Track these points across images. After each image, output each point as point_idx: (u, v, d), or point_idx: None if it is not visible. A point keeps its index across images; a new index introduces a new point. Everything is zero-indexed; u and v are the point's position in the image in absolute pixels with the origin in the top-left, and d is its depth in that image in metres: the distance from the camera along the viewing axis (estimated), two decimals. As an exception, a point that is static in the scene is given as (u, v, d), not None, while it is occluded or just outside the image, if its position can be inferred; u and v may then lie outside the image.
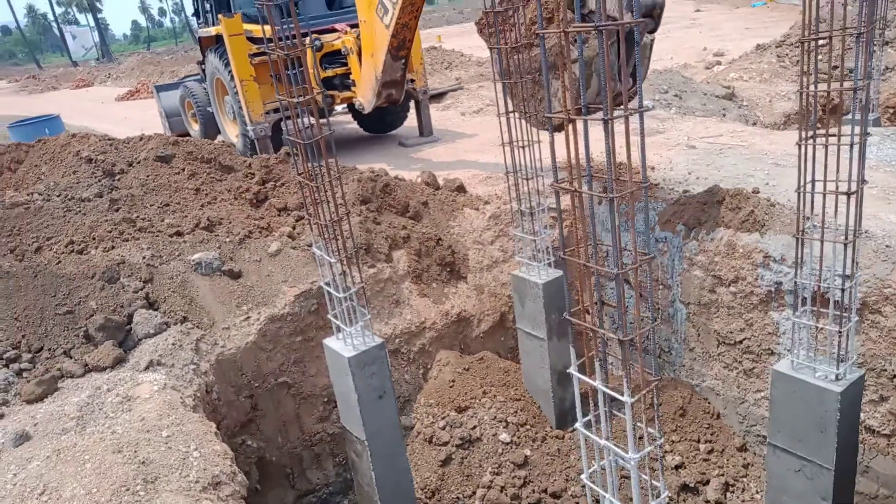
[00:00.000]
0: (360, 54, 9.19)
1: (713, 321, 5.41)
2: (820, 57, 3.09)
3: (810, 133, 3.01)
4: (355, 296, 4.04)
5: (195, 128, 12.61)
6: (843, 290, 3.13)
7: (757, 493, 5.23)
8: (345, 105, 10.97)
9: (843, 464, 3.51)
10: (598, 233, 2.09)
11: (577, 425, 2.42)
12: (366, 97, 9.06)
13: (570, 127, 1.93)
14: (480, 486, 5.09)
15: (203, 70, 11.56)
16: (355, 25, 9.45)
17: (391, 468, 4.41)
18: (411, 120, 11.26)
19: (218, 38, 10.07)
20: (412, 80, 9.98)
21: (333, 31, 9.78)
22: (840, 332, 3.19)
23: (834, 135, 2.93)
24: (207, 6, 10.93)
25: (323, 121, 3.68)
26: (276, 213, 6.32)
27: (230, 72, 9.61)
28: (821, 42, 2.85)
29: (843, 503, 3.71)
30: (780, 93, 11.36)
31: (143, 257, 5.28)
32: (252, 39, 9.44)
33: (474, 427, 5.35)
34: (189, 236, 5.69)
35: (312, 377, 5.47)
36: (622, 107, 1.77)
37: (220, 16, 9.56)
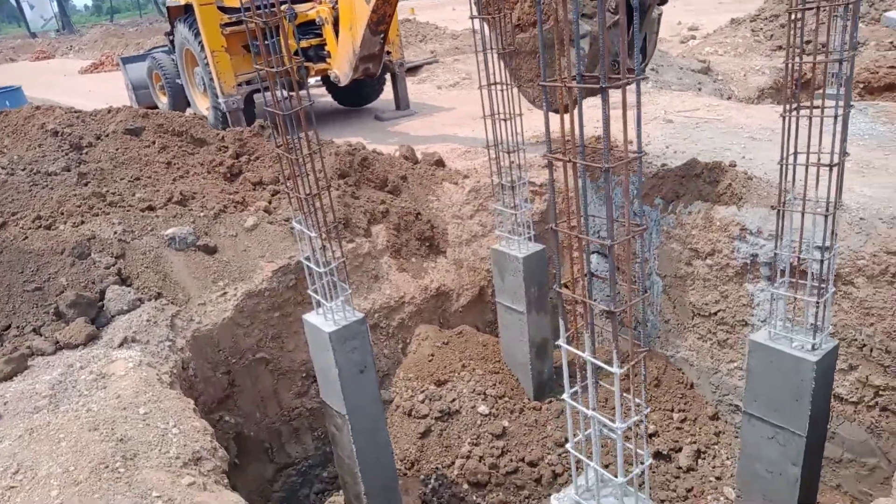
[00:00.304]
0: (335, 25, 9.00)
1: (689, 293, 5.49)
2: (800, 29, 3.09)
3: (794, 105, 3.03)
4: (336, 270, 3.99)
5: (164, 100, 12.28)
6: (821, 262, 3.19)
7: (727, 459, 5.37)
8: (318, 77, 10.76)
9: (814, 431, 3.61)
10: (582, 205, 2.07)
11: (565, 396, 2.44)
12: (342, 70, 8.90)
13: (564, 97, 1.90)
14: (459, 457, 5.14)
15: (171, 41, 11.21)
16: (329, -4, 9.24)
17: (372, 442, 4.42)
18: (387, 93, 11.10)
19: (187, 8, 9.75)
20: (388, 53, 9.83)
21: (308, 0, 9.55)
22: (818, 302, 3.25)
23: (818, 107, 2.95)
24: (175, -26, 10.57)
25: (302, 92, 3.59)
26: (252, 188, 6.19)
27: (200, 42, 9.34)
28: (807, 12, 2.85)
29: (812, 468, 3.83)
30: (755, 67, 11.45)
31: (115, 232, 5.14)
32: (223, 9, 9.17)
33: (453, 400, 5.38)
34: (161, 211, 5.55)
35: (291, 352, 5.43)
36: (619, 75, 1.74)
37: (189, -16, 9.26)
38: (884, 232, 4.26)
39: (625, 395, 2.32)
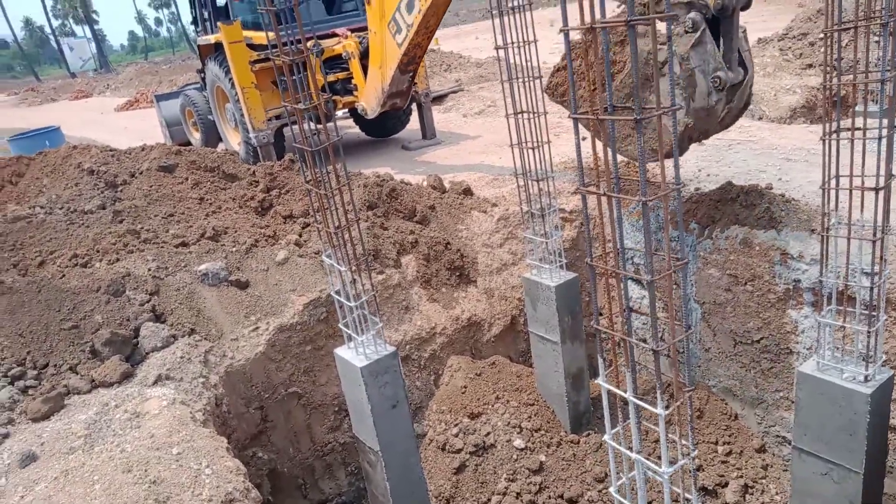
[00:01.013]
0: (361, 59, 9.12)
1: (729, 320, 5.31)
2: (834, 49, 3.00)
3: (834, 127, 2.93)
4: (366, 304, 3.95)
5: (196, 136, 12.56)
6: (870, 288, 3.04)
7: (777, 494, 5.13)
8: (346, 109, 10.90)
9: (871, 466, 3.42)
10: (617, 237, 2.00)
11: (606, 437, 2.34)
12: (370, 104, 9.00)
13: (597, 127, 1.85)
14: (496, 493, 5.00)
15: (203, 78, 11.51)
16: (355, 29, 9.38)
17: (405, 478, 4.33)
18: (413, 123, 11.19)
19: (217, 46, 10.01)
20: (414, 84, 9.93)
21: (334, 35, 9.71)
22: (869, 331, 3.10)
23: (860, 128, 2.84)
24: (206, 14, 10.87)
25: (330, 125, 3.60)
26: (282, 221, 6.24)
27: (231, 79, 9.55)
28: (844, 31, 2.77)
29: (871, 505, 3.62)
30: (785, 86, 11.25)
31: (149, 269, 5.20)
32: (252, 46, 9.37)
33: (488, 433, 5.26)
34: (194, 247, 5.61)
35: (323, 386, 5.38)
36: (651, 106, 1.68)
37: (218, 23, 9.50)
38: (935, 254, 4.08)
39: (670, 434, 2.22)
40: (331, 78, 9.62)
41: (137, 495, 3.21)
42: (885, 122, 2.81)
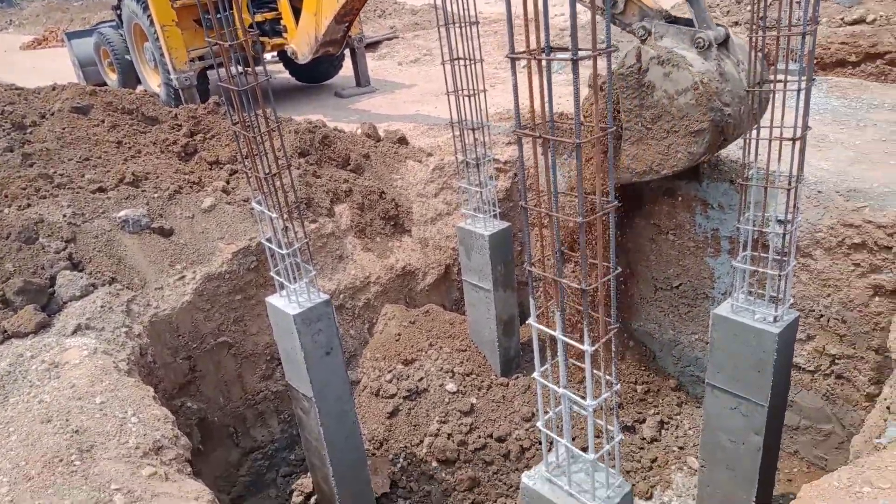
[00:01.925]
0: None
1: (651, 268, 5.54)
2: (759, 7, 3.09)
3: (757, 80, 3.04)
4: (298, 252, 3.89)
5: (113, 77, 11.80)
6: (783, 235, 3.23)
7: (690, 429, 5.50)
8: (275, 53, 10.47)
9: (776, 401, 3.69)
10: (551, 180, 2.03)
11: (535, 374, 2.42)
12: (301, 49, 8.66)
13: (533, 68, 1.84)
14: (428, 435, 5.13)
15: (119, 16, 10.74)
16: (285, -34, 8.94)
17: (339, 423, 4.36)
18: (347, 69, 10.88)
19: (134, -21, 9.34)
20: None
21: (261, -28, 9.24)
22: (780, 275, 3.30)
23: (781, 81, 2.96)
24: (121, -56, 10.09)
25: (258, 68, 3.45)
26: (208, 167, 6.00)
27: (150, 17, 8.96)
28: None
29: (773, 437, 3.93)
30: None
31: (64, 215, 4.92)
32: (172, -19, 8.80)
33: (421, 378, 5.35)
34: (113, 192, 5.33)
35: (254, 336, 5.31)
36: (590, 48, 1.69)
37: (136, -46, 8.85)
38: (840, 205, 4.35)
39: (597, 372, 2.32)
40: (258, 18, 9.18)
41: (58, 444, 3.10)
42: (804, 77, 2.94)
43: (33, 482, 2.89)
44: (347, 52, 10.37)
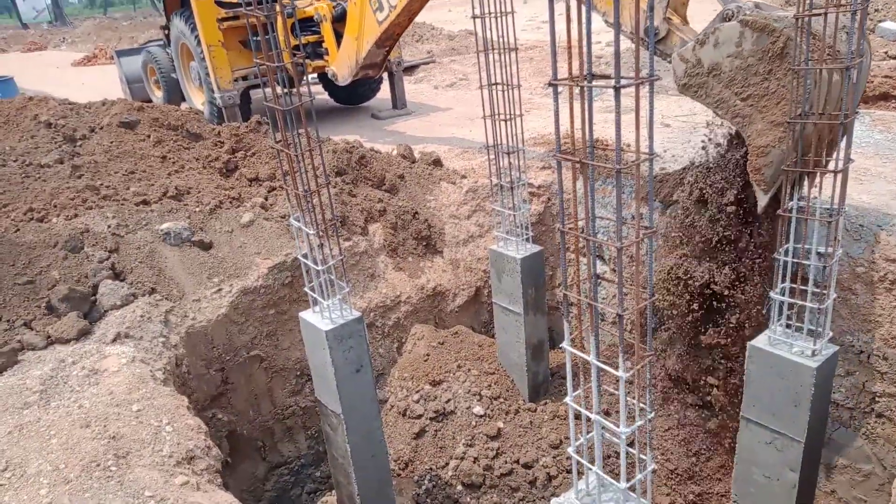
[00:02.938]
0: (334, 22, 8.95)
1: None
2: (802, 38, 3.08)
3: (798, 111, 3.02)
4: (333, 269, 3.95)
5: (158, 94, 12.18)
6: (823, 267, 3.18)
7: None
8: (315, 75, 10.70)
9: (813, 437, 3.60)
10: (589, 204, 2.04)
11: (567, 399, 2.41)
12: (341, 72, 8.85)
13: (574, 95, 1.88)
14: (454, 458, 5.11)
15: (167, 35, 11.13)
16: (328, -9, 9.18)
17: (367, 441, 4.37)
18: (384, 92, 11.06)
19: (184, 2, 9.68)
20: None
21: (305, -4, 9.51)
22: (819, 308, 3.24)
23: (823, 114, 2.94)
24: (172, -32, 10.49)
25: (303, 89, 3.55)
26: (248, 183, 6.14)
27: (197, 36, 9.26)
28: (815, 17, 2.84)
29: (809, 474, 3.82)
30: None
31: (109, 226, 5.08)
32: (220, 3, 9.10)
33: (448, 400, 5.35)
34: (156, 205, 5.49)
35: (285, 350, 5.38)
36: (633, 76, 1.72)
37: (186, -22, 9.19)
38: (883, 239, 4.26)
39: (629, 399, 2.30)
40: (301, 41, 9.41)
41: (96, 450, 3.18)
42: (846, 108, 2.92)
43: (72, 485, 2.97)
44: (385, 75, 10.56)
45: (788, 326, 3.50)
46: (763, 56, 3.40)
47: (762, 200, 3.53)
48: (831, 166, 2.94)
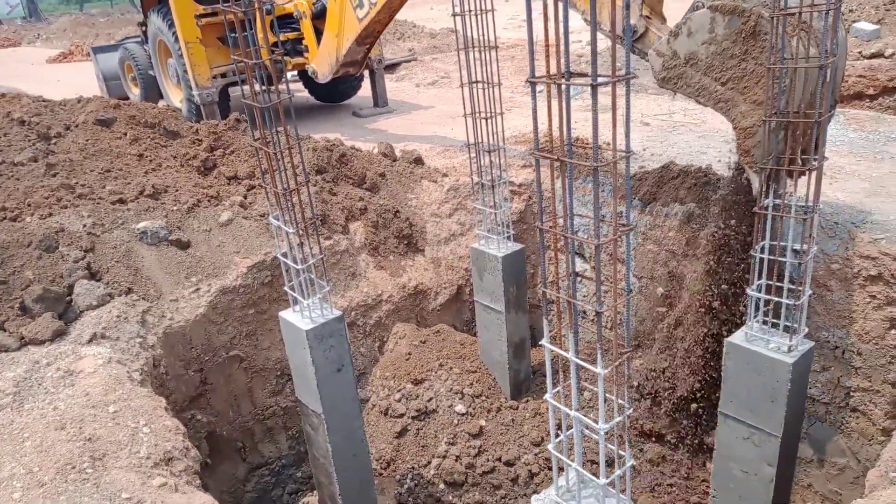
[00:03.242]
0: (314, 19, 8.89)
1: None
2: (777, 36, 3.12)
3: (773, 110, 3.06)
4: (313, 267, 3.92)
5: (135, 92, 12.03)
6: (799, 264, 3.22)
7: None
8: (295, 72, 10.63)
9: (789, 431, 3.65)
10: (567, 202, 2.05)
11: (547, 396, 2.42)
12: (321, 69, 8.80)
13: (553, 93, 1.88)
14: (436, 456, 5.11)
15: (144, 32, 10.99)
16: (307, -13, 9.12)
17: (348, 441, 4.36)
18: (365, 90, 11.01)
19: (161, -2, 9.57)
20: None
21: (285, -8, 9.43)
22: (795, 305, 3.28)
23: (798, 112, 2.98)
24: (149, -36, 10.35)
25: (281, 86, 3.52)
26: (226, 182, 6.08)
27: (174, 33, 9.16)
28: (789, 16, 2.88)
29: (786, 468, 3.88)
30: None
31: (84, 225, 5.00)
32: (198, 0, 9.00)
33: (430, 399, 5.34)
34: (133, 204, 5.41)
35: (265, 350, 5.34)
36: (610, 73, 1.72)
37: (163, -27, 9.07)
38: (857, 236, 4.33)
39: (607, 394, 2.31)
40: (281, 38, 9.34)
41: (71, 452, 3.13)
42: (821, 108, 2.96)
43: (46, 488, 2.92)
44: (366, 73, 10.52)
45: (765, 323, 3.55)
46: (737, 38, 3.44)
47: (756, 183, 3.54)
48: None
